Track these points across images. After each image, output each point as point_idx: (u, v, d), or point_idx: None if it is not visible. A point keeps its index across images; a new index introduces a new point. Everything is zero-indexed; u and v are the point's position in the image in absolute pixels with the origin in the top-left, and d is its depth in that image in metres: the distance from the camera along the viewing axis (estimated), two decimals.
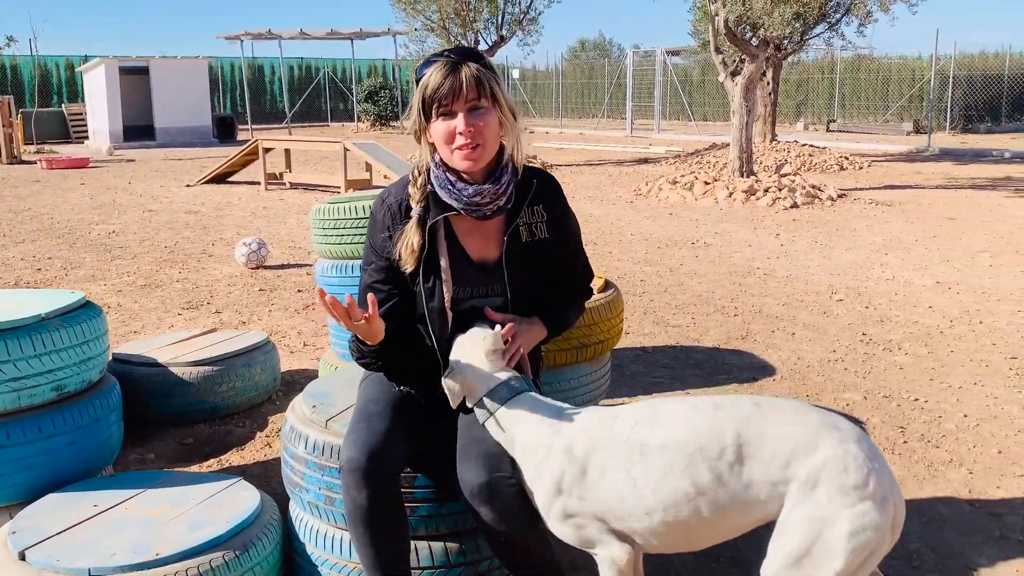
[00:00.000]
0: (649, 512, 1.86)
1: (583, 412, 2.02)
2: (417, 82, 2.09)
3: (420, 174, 2.17)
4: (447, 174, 2.12)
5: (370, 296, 1.98)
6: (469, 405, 2.09)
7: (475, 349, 2.09)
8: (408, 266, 2.13)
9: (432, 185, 2.14)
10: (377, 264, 2.18)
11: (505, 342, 2.13)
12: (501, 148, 2.16)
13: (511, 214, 2.19)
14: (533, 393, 2.09)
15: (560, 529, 1.98)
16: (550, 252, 2.25)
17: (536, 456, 1.97)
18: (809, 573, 1.75)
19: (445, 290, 2.15)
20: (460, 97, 2.03)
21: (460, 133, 2.04)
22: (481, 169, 2.12)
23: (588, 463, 1.91)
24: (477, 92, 2.04)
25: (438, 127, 2.07)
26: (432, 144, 2.13)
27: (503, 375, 2.08)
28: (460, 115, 2.04)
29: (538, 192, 2.23)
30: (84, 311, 2.74)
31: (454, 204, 2.12)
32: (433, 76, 2.04)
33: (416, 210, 2.14)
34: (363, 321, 1.96)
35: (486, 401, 2.05)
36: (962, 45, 29.92)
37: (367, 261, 2.22)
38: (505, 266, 2.19)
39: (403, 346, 2.17)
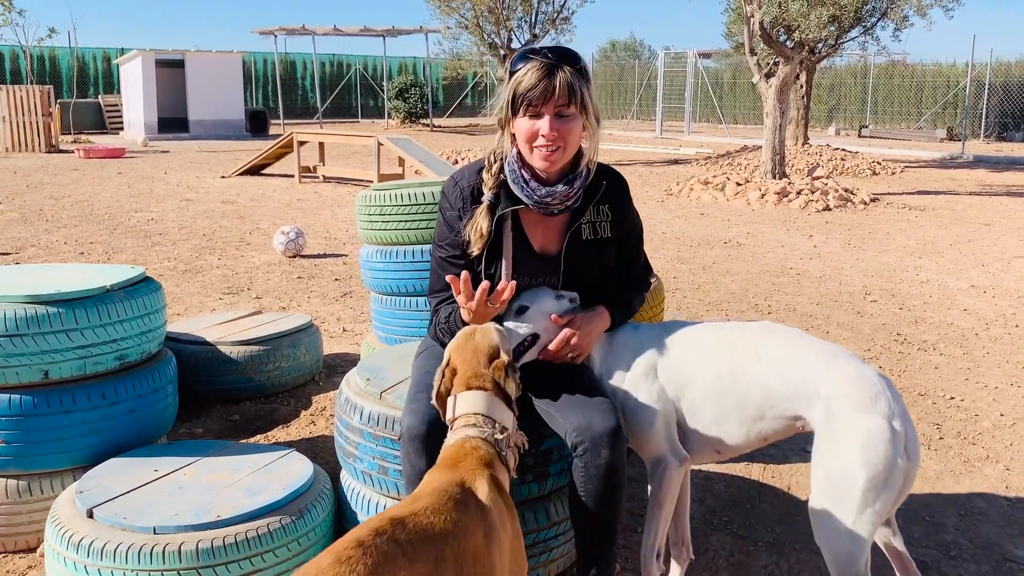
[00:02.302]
0: (706, 373, 2.15)
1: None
2: (511, 74, 2.12)
3: (496, 162, 2.22)
4: (522, 171, 2.17)
5: (485, 283, 2.04)
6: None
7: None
8: (475, 249, 2.20)
9: (505, 176, 2.20)
10: (451, 240, 2.25)
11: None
12: (579, 152, 2.20)
13: (576, 211, 2.24)
14: None
15: (645, 424, 2.18)
16: (611, 250, 2.31)
17: (632, 352, 2.25)
18: (841, 496, 1.92)
19: (504, 278, 2.22)
20: (551, 101, 2.06)
21: (543, 135, 2.08)
22: (557, 169, 2.17)
23: (671, 342, 2.24)
24: (568, 99, 2.06)
25: (523, 124, 2.11)
26: (513, 136, 2.17)
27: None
28: (547, 118, 2.07)
29: (606, 192, 2.26)
30: (145, 285, 2.83)
31: (525, 200, 2.18)
32: (528, 75, 2.06)
33: (488, 196, 2.20)
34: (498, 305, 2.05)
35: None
36: (999, 52, 29.48)
37: (440, 237, 2.28)
38: (563, 260, 2.26)
39: None
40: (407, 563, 1.40)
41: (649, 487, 2.22)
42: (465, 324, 2.10)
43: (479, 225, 2.18)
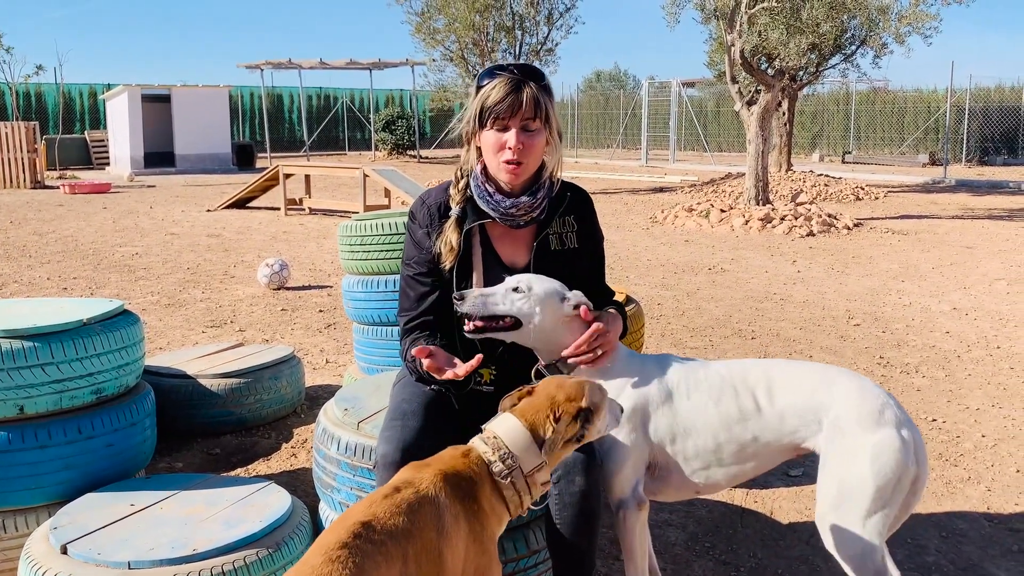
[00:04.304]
0: (706, 425, 2.13)
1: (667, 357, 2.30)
2: (477, 89, 2.18)
3: (463, 177, 2.28)
4: (486, 185, 2.23)
5: (478, 357, 2.03)
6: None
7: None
8: (447, 263, 2.24)
9: (472, 191, 2.26)
10: (419, 258, 2.29)
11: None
12: (542, 164, 2.27)
13: (542, 223, 2.29)
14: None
15: (613, 464, 2.14)
16: (578, 261, 2.35)
17: (627, 385, 2.18)
18: (849, 503, 1.99)
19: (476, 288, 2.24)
20: (517, 115, 2.14)
21: (510, 148, 2.15)
22: (521, 182, 2.23)
23: (672, 387, 2.18)
24: (534, 113, 2.14)
25: (489, 137, 2.18)
26: (479, 149, 2.24)
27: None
28: (513, 131, 2.15)
29: (571, 204, 2.33)
30: (123, 318, 2.83)
31: (490, 213, 2.24)
32: (496, 90, 2.13)
33: (455, 210, 2.26)
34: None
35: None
36: (978, 78, 29.88)
37: (408, 256, 2.32)
38: (532, 272, 2.27)
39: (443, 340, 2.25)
40: (384, 560, 1.54)
41: (616, 533, 2.22)
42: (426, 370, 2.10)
43: (448, 239, 2.24)
